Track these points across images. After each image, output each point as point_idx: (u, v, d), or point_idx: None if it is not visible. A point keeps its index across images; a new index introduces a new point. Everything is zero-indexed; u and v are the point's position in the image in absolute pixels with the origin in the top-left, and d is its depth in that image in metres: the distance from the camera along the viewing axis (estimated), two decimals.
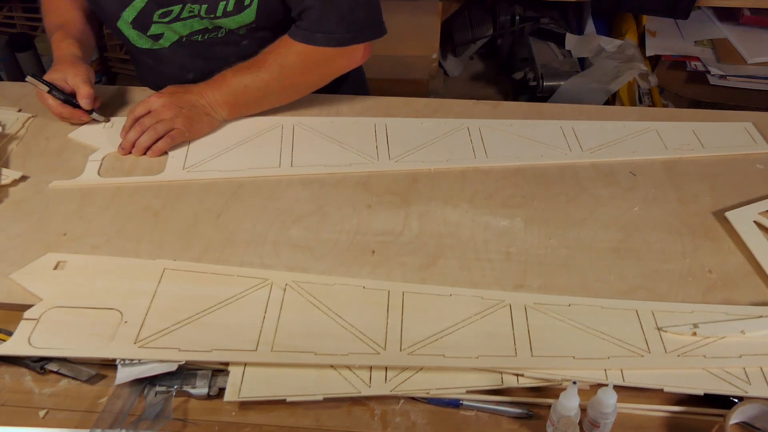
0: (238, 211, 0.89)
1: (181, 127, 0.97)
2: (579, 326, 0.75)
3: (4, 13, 2.38)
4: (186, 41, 1.03)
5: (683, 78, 2.04)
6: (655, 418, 0.69)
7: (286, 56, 0.98)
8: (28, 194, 0.91)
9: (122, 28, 1.01)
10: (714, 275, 0.82)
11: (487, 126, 1.06)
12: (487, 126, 1.06)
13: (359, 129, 1.05)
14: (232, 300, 0.76)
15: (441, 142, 1.03)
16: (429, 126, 1.06)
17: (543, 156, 1.00)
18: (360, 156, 0.99)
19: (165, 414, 0.67)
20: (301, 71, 0.99)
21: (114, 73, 2.44)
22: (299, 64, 0.98)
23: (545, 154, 1.01)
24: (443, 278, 0.81)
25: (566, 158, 1.00)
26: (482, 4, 2.38)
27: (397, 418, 0.68)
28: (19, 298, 0.76)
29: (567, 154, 1.01)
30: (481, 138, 1.04)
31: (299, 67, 0.99)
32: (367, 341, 0.72)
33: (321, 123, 1.06)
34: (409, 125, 1.06)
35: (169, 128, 0.96)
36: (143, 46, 1.04)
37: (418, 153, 1.00)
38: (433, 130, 1.05)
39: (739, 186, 0.96)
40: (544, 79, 1.95)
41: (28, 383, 0.70)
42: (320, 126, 1.05)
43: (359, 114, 1.09)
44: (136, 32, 1.01)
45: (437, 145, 1.02)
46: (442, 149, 1.01)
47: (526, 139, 1.04)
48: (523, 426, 0.68)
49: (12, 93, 1.12)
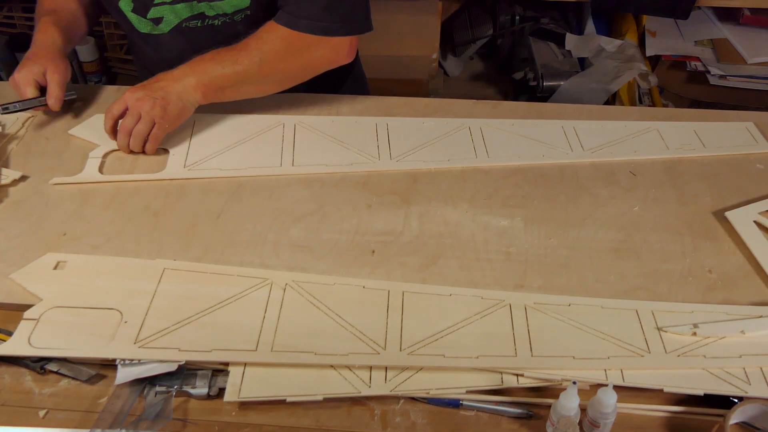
0: (238, 211, 0.89)
1: (158, 119, 0.95)
2: (579, 326, 0.75)
3: (4, 13, 2.38)
4: (185, 28, 1.03)
5: (683, 78, 2.05)
6: (655, 418, 0.69)
7: (268, 41, 0.97)
8: (28, 194, 0.91)
9: (124, 9, 1.01)
10: (714, 275, 0.82)
11: (488, 125, 1.06)
12: (488, 125, 1.06)
13: (360, 128, 1.05)
14: (232, 300, 0.76)
15: (442, 142, 1.03)
16: (430, 125, 1.06)
17: (544, 156, 1.00)
18: (361, 155, 0.99)
19: (165, 414, 0.67)
20: (282, 57, 0.98)
21: (114, 74, 2.44)
22: (281, 49, 0.97)
23: (546, 154, 1.00)
24: (443, 278, 0.81)
25: (567, 158, 1.00)
26: (482, 4, 2.38)
27: (397, 418, 0.68)
28: (19, 298, 0.76)
29: (568, 154, 1.01)
30: (483, 137, 1.03)
31: (280, 52, 0.97)
32: (367, 341, 0.72)
33: (322, 122, 1.06)
34: (410, 124, 1.06)
35: (150, 125, 0.96)
36: (143, 30, 1.04)
37: (420, 152, 1.00)
38: (434, 130, 1.05)
39: (739, 186, 0.96)
40: (544, 79, 1.95)
41: (28, 383, 0.70)
42: (321, 125, 1.05)
43: (360, 114, 1.09)
44: (137, 15, 1.02)
45: (438, 144, 1.02)
46: (443, 149, 1.01)
47: (527, 139, 1.04)
48: (523, 426, 0.68)
49: (12, 93, 1.11)
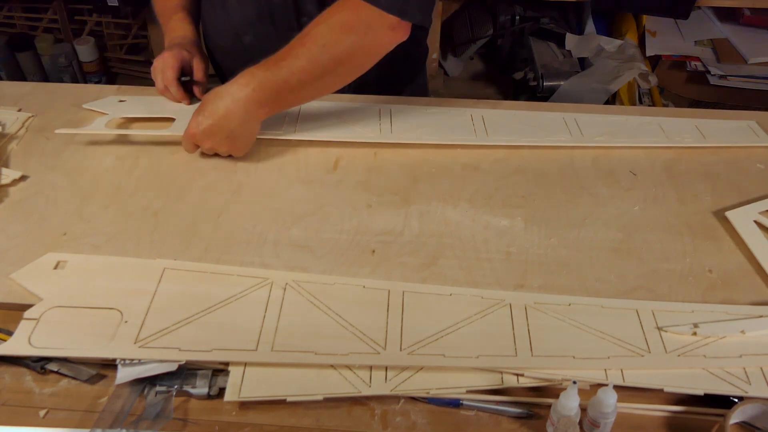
0: (238, 211, 0.89)
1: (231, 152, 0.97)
2: (579, 326, 0.75)
3: (4, 13, 2.38)
4: None
5: (683, 78, 2.05)
6: (655, 418, 0.69)
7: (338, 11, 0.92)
8: (28, 194, 0.92)
9: None
10: (714, 275, 0.82)
11: (490, 114, 1.08)
12: (490, 114, 1.08)
13: (363, 110, 1.07)
14: (232, 300, 0.76)
15: (445, 124, 1.05)
16: (433, 111, 1.08)
17: (545, 138, 1.02)
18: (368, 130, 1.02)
19: (165, 414, 0.67)
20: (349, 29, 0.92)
21: (114, 74, 2.45)
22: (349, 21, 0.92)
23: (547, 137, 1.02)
24: (443, 278, 0.81)
25: (567, 142, 1.01)
26: (482, 4, 2.38)
27: (398, 417, 0.68)
28: (19, 297, 0.76)
29: (568, 139, 1.02)
30: (484, 123, 1.05)
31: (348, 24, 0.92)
32: (367, 341, 0.72)
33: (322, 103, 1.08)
34: (412, 110, 1.08)
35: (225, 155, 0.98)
36: None
37: (421, 131, 1.02)
38: (437, 115, 1.07)
39: (739, 186, 0.96)
40: (544, 79, 1.96)
41: (28, 383, 0.70)
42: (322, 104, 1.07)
43: None
44: None
45: (440, 126, 1.04)
46: (446, 130, 1.03)
47: (530, 127, 1.05)
48: (523, 426, 0.68)
49: (12, 93, 1.12)
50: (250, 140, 0.97)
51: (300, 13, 1.04)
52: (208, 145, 0.94)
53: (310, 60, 0.90)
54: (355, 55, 0.94)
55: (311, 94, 0.98)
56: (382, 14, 0.91)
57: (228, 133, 0.93)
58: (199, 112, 0.93)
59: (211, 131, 0.92)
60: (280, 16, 1.05)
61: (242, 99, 0.91)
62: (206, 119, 0.92)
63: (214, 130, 0.92)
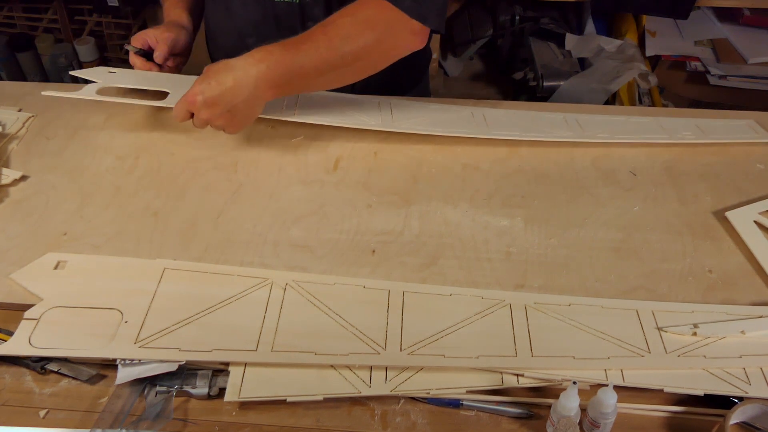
0: (238, 211, 0.89)
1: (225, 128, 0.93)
2: (579, 326, 0.75)
3: (4, 13, 2.38)
4: None
5: (683, 78, 2.05)
6: (655, 418, 0.69)
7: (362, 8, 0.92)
8: (28, 194, 0.92)
9: None
10: (714, 275, 0.82)
11: (490, 112, 1.09)
12: (490, 112, 1.09)
13: (363, 102, 1.07)
14: (232, 300, 0.76)
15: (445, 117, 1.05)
16: (433, 107, 1.09)
17: (546, 134, 1.02)
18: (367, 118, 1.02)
19: (165, 414, 0.67)
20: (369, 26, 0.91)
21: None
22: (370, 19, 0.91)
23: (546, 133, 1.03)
24: (443, 278, 0.81)
25: (567, 137, 1.01)
26: (482, 4, 2.37)
27: (398, 418, 0.68)
28: (20, 298, 0.76)
29: (568, 134, 1.02)
30: (485, 119, 1.06)
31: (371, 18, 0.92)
32: (367, 341, 0.72)
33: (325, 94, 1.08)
34: (412, 104, 1.08)
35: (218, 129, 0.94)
36: None
37: (422, 121, 1.03)
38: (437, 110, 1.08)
39: (739, 186, 0.96)
40: (544, 79, 1.95)
41: (28, 383, 0.70)
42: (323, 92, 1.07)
43: None
44: None
45: (441, 119, 1.04)
46: (446, 123, 1.03)
47: (530, 123, 1.06)
48: (523, 426, 0.68)
49: (12, 93, 1.12)
50: (249, 120, 0.93)
51: (305, 18, 1.04)
52: (206, 115, 0.90)
53: (330, 49, 0.90)
54: (372, 53, 0.93)
55: (320, 85, 0.97)
56: (405, 17, 0.92)
57: (230, 107, 0.89)
58: (204, 80, 0.89)
59: (214, 102, 0.88)
60: (285, 19, 1.04)
61: (254, 75, 0.88)
62: (211, 89, 0.88)
63: (217, 101, 0.88)
